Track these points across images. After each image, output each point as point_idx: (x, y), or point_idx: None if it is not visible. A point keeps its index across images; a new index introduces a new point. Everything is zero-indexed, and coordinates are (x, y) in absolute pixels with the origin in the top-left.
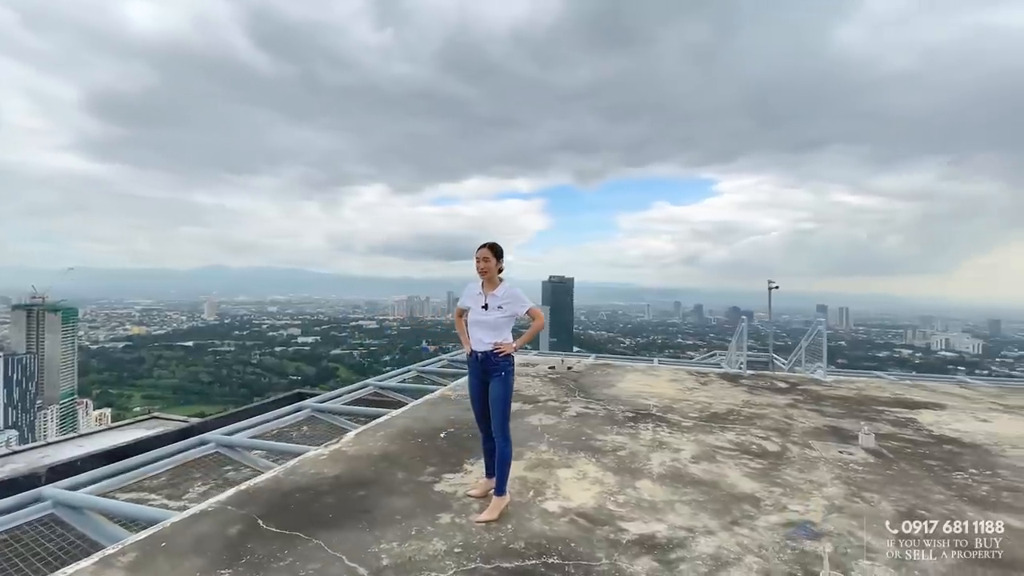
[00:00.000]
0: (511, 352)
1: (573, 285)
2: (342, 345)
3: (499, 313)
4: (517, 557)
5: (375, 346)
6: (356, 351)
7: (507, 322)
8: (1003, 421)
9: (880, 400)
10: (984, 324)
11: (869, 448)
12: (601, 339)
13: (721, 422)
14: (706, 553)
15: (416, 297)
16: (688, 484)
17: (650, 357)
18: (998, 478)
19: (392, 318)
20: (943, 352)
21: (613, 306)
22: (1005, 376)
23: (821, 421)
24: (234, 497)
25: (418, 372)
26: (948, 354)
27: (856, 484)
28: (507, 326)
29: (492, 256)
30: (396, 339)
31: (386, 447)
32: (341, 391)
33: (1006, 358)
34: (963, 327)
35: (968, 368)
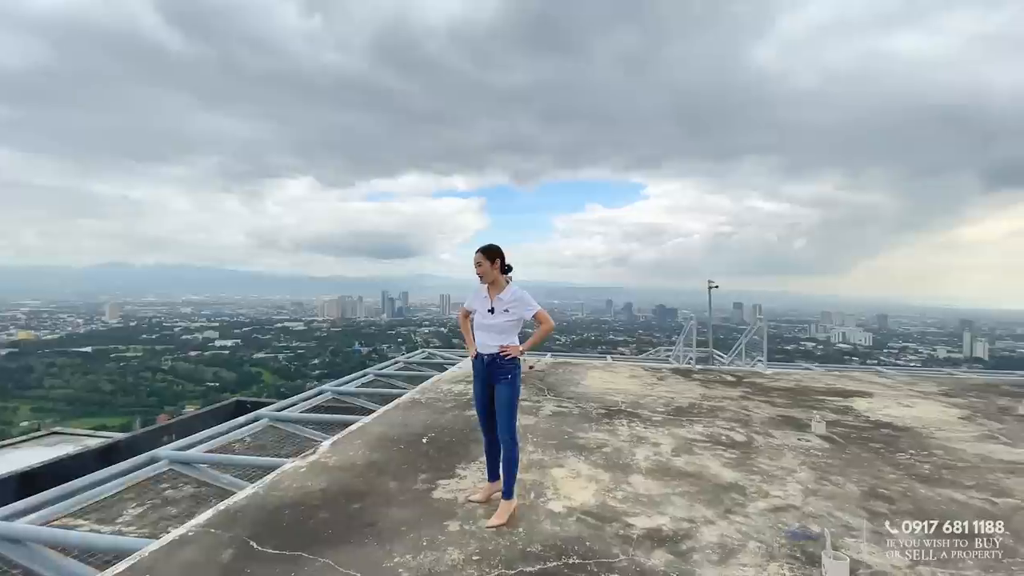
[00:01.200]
0: (517, 355)
1: None
2: (266, 348)
3: (505, 316)
4: (537, 560)
5: (303, 349)
6: (281, 354)
7: (513, 325)
8: (923, 406)
9: (818, 390)
10: (874, 319)
11: (821, 435)
12: None
13: (687, 415)
14: (712, 542)
15: (348, 297)
16: (676, 477)
17: (603, 354)
18: (935, 457)
19: (322, 319)
20: (840, 344)
21: (549, 304)
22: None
23: (774, 411)
24: (215, 519)
25: (375, 376)
26: (844, 346)
27: (821, 468)
28: (514, 330)
29: (484, 260)
30: (326, 341)
31: (369, 456)
32: (296, 399)
33: (892, 349)
34: (856, 322)
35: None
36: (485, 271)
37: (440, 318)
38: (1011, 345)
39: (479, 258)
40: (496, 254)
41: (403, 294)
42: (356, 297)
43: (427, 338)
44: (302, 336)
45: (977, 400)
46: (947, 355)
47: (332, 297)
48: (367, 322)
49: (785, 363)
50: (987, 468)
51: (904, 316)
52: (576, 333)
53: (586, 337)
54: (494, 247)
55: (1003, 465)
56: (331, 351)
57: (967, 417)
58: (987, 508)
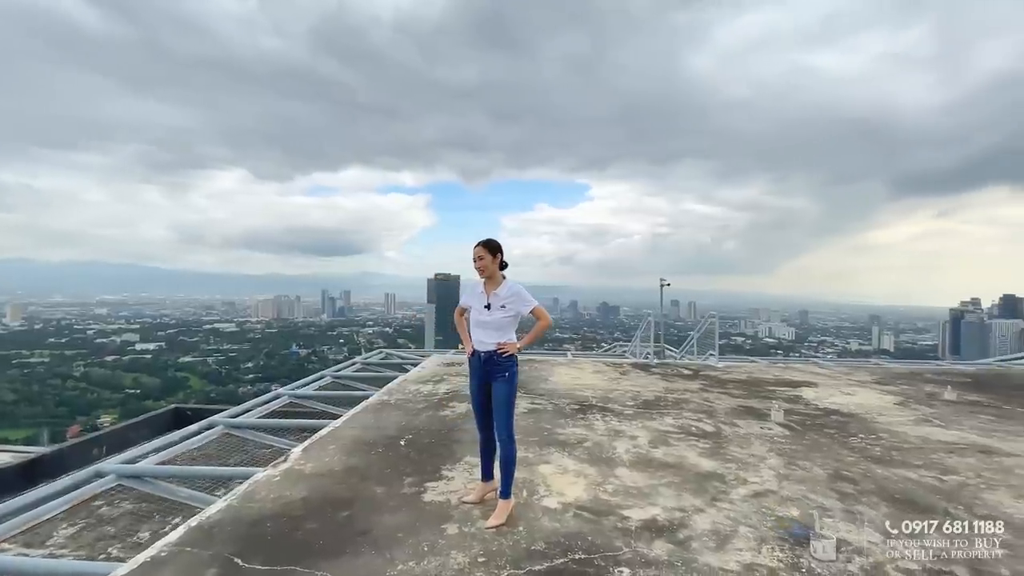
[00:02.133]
0: (515, 352)
1: (459, 283)
2: (193, 352)
3: (502, 313)
4: (544, 558)
5: (235, 351)
6: (211, 358)
7: (511, 322)
8: (863, 394)
9: (768, 381)
10: (796, 315)
11: (781, 423)
12: None
13: (656, 408)
14: (707, 529)
15: (285, 296)
16: (658, 468)
17: (564, 351)
18: (883, 440)
19: (255, 320)
20: (767, 339)
21: None
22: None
23: (734, 402)
24: (189, 536)
25: (333, 379)
26: (770, 340)
27: (787, 455)
28: (511, 326)
29: (487, 253)
30: (261, 343)
31: (347, 461)
32: (251, 404)
33: (812, 342)
34: (781, 317)
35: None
36: (486, 265)
37: (385, 318)
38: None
39: (481, 251)
40: (497, 248)
41: (345, 293)
42: (294, 296)
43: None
44: (234, 338)
45: (907, 387)
46: (859, 347)
47: (267, 296)
48: (306, 322)
49: (730, 356)
50: (930, 449)
51: (822, 312)
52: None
53: None
54: (495, 241)
55: (943, 445)
56: (266, 353)
57: (901, 403)
58: (937, 485)
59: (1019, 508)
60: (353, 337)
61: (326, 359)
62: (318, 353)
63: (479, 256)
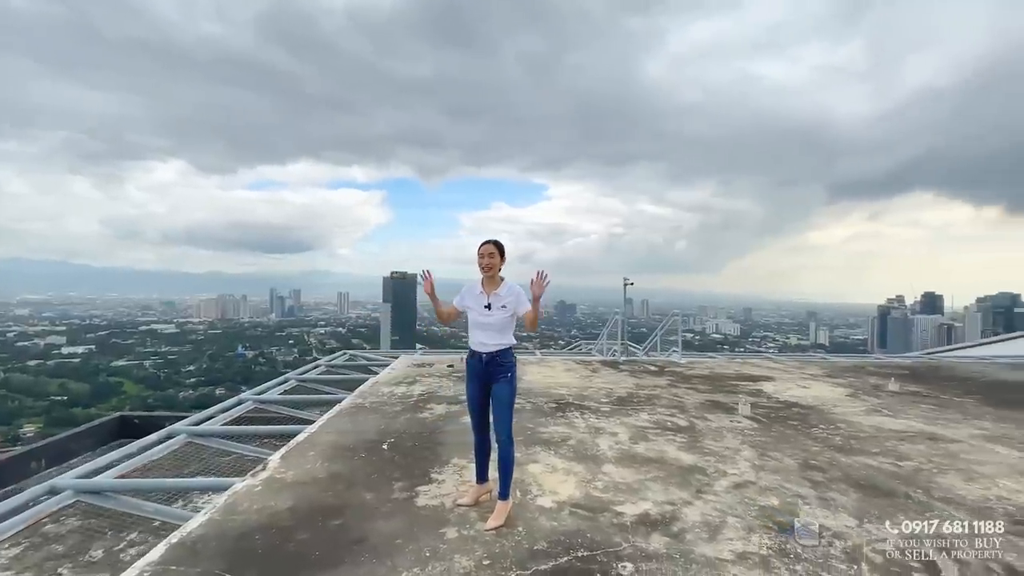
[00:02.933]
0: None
1: (416, 281)
2: (128, 355)
3: (503, 313)
4: (548, 558)
5: (174, 354)
6: (148, 361)
7: (510, 322)
8: (816, 387)
9: (729, 376)
10: (740, 312)
11: (748, 416)
12: (444, 335)
13: (630, 405)
14: (698, 521)
15: (229, 296)
16: (643, 463)
17: (532, 350)
18: (841, 430)
19: (198, 320)
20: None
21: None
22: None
23: (701, 397)
24: (172, 554)
25: (297, 381)
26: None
27: (758, 446)
28: (510, 326)
29: (498, 253)
30: (203, 345)
31: (330, 468)
32: (214, 411)
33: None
34: (727, 314)
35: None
36: (494, 264)
37: (338, 318)
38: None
39: (493, 250)
40: (504, 251)
41: (295, 292)
42: (239, 296)
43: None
44: (174, 340)
45: (855, 380)
46: (797, 342)
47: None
48: (253, 323)
49: (691, 353)
50: (883, 437)
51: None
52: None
53: None
54: (502, 244)
55: (894, 434)
56: (210, 356)
57: (852, 395)
58: (895, 471)
59: (970, 490)
60: (304, 338)
61: (275, 361)
62: (266, 355)
63: (490, 254)
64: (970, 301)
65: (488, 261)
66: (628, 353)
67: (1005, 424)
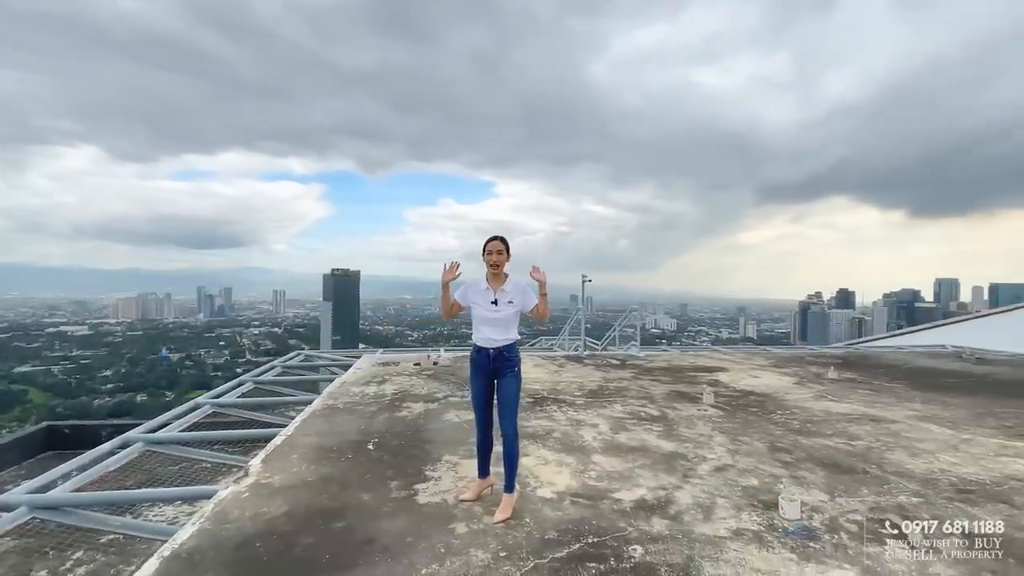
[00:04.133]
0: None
1: (359, 278)
2: (33, 360)
3: (509, 309)
4: (561, 546)
5: (88, 358)
6: (57, 366)
7: (516, 317)
8: (766, 376)
9: (687, 368)
10: (677, 308)
11: (713, 404)
12: (389, 333)
13: (603, 397)
14: (690, 504)
15: (151, 294)
16: (628, 452)
17: None
18: (796, 414)
19: (115, 321)
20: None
21: (401, 299)
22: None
23: (666, 388)
24: (166, 568)
25: (255, 384)
26: (655, 331)
27: (729, 432)
28: (516, 321)
29: (506, 249)
30: (121, 348)
31: (318, 470)
32: (169, 417)
33: (690, 332)
34: (665, 310)
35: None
36: (502, 261)
37: (273, 317)
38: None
39: (500, 247)
40: (509, 246)
41: (225, 290)
42: (162, 294)
43: (257, 340)
44: (87, 342)
45: (798, 369)
46: (728, 336)
47: (129, 294)
48: (178, 323)
49: (647, 346)
50: (834, 420)
51: (699, 305)
52: (430, 328)
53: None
54: (506, 239)
55: (842, 417)
56: (129, 359)
57: (799, 383)
58: (850, 450)
59: (916, 464)
60: (236, 339)
61: (204, 364)
62: (194, 357)
63: (498, 251)
64: (878, 297)
65: (496, 259)
66: (586, 347)
67: (932, 406)
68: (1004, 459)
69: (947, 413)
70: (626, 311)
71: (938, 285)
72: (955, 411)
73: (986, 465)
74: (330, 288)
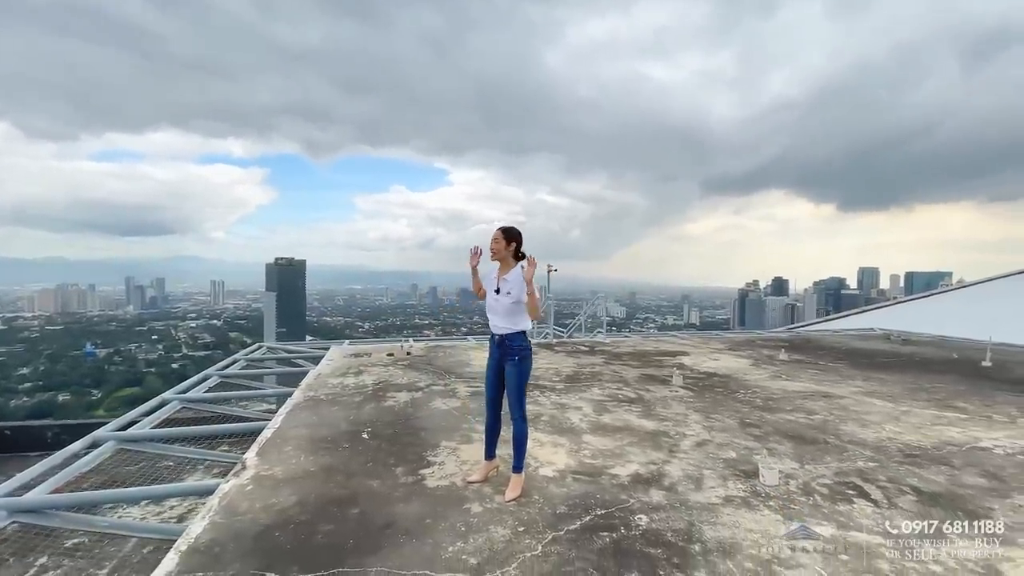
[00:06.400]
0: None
1: (305, 268)
2: None
3: (509, 299)
4: (573, 519)
5: (1, 355)
6: None
7: (516, 308)
8: (724, 359)
9: (652, 352)
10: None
11: (682, 386)
12: (338, 325)
13: (580, 382)
14: (681, 476)
15: (73, 285)
16: (615, 432)
17: (464, 336)
18: (757, 393)
19: (31, 314)
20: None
21: (351, 290)
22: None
23: (637, 372)
24: (187, 562)
25: (220, 378)
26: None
27: (701, 411)
28: (516, 311)
29: (502, 238)
30: (39, 343)
31: (318, 461)
32: (137, 414)
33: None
34: (615, 298)
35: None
36: (498, 249)
37: (212, 309)
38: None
39: (498, 235)
40: (514, 238)
41: (158, 281)
42: (85, 285)
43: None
44: (0, 338)
45: (751, 352)
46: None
47: (47, 285)
48: (104, 316)
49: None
50: (791, 397)
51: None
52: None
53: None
54: (515, 230)
55: (797, 394)
56: (49, 356)
57: (755, 364)
58: (809, 423)
59: (867, 434)
60: (171, 332)
61: (135, 360)
62: (123, 352)
63: (495, 239)
64: (809, 284)
65: (492, 246)
66: (554, 335)
67: (872, 383)
68: (939, 427)
69: (885, 389)
70: (591, 299)
71: (861, 273)
72: (892, 387)
73: (925, 433)
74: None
